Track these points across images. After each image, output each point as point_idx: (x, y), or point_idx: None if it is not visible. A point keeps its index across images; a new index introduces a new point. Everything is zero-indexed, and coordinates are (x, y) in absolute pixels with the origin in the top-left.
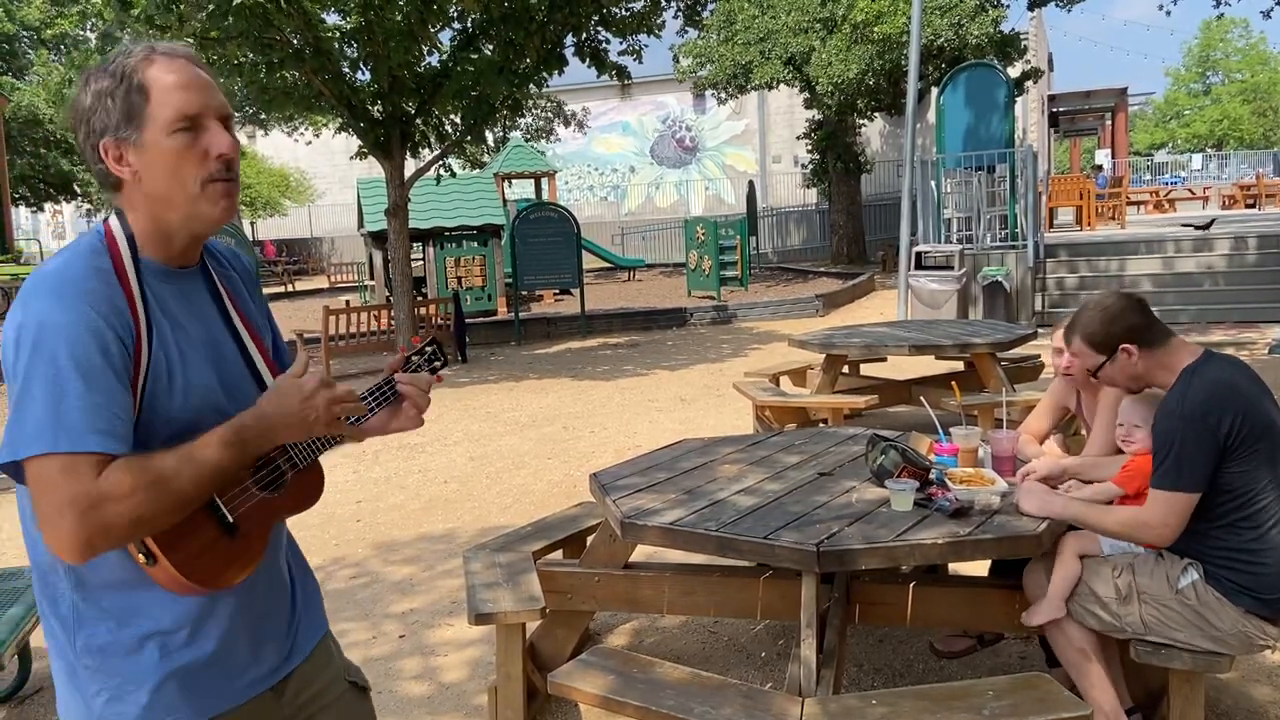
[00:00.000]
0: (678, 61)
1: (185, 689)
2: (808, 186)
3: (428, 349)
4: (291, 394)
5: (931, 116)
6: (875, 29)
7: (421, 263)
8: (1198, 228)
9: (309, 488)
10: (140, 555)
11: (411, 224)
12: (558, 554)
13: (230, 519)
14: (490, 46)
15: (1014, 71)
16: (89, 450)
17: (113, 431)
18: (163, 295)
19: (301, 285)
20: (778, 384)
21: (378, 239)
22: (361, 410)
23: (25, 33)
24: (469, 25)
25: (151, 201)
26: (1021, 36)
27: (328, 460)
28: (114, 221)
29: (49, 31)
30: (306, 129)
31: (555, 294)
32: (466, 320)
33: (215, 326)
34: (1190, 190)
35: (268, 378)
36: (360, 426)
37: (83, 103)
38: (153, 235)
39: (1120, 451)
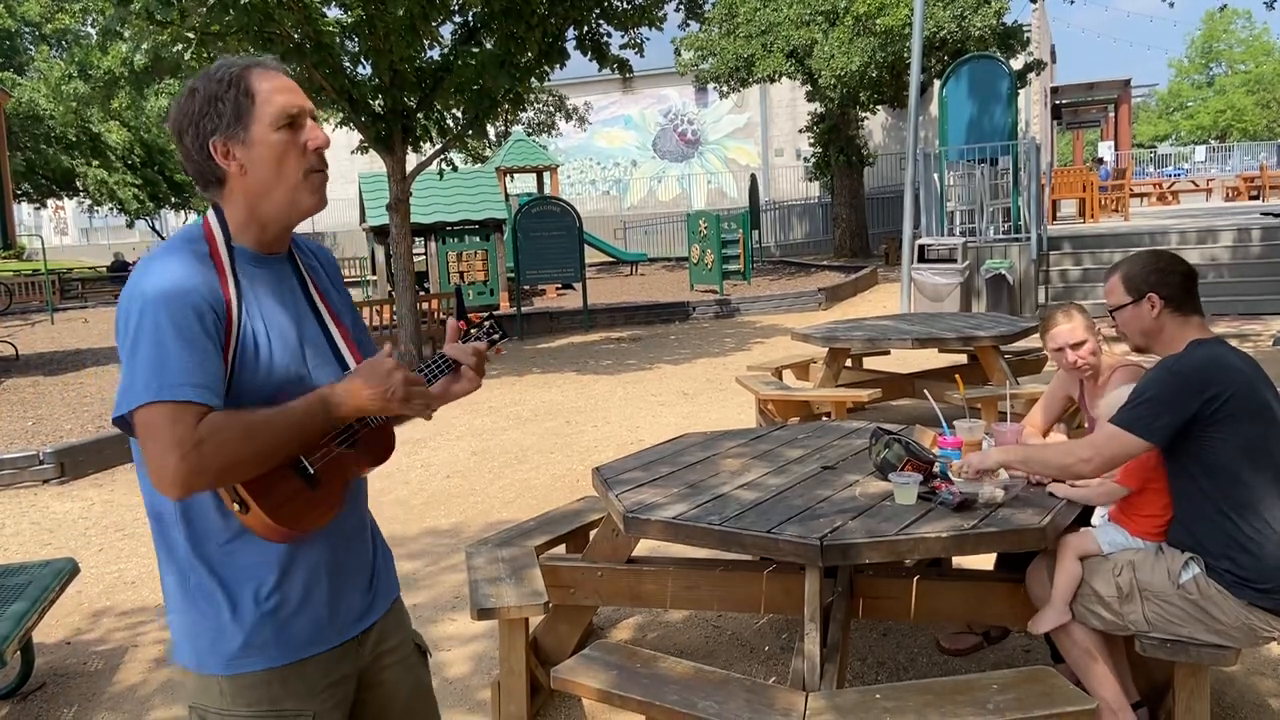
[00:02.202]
0: (679, 55)
1: (277, 633)
2: (810, 180)
3: (486, 323)
4: (376, 373)
5: (934, 109)
6: (877, 21)
7: (424, 257)
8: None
9: (381, 444)
10: (235, 505)
11: (413, 218)
12: (561, 549)
13: (311, 471)
14: (491, 40)
15: (1016, 64)
16: (189, 400)
17: (208, 386)
18: (253, 278)
19: None
20: (780, 378)
21: (379, 233)
22: (430, 396)
23: (26, 28)
24: (470, 19)
25: (252, 193)
26: (1024, 28)
27: None
28: (211, 215)
29: (50, 27)
30: None
31: (557, 288)
32: (469, 315)
33: (301, 309)
34: (1194, 182)
35: (346, 355)
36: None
37: (190, 108)
38: (248, 224)
39: None
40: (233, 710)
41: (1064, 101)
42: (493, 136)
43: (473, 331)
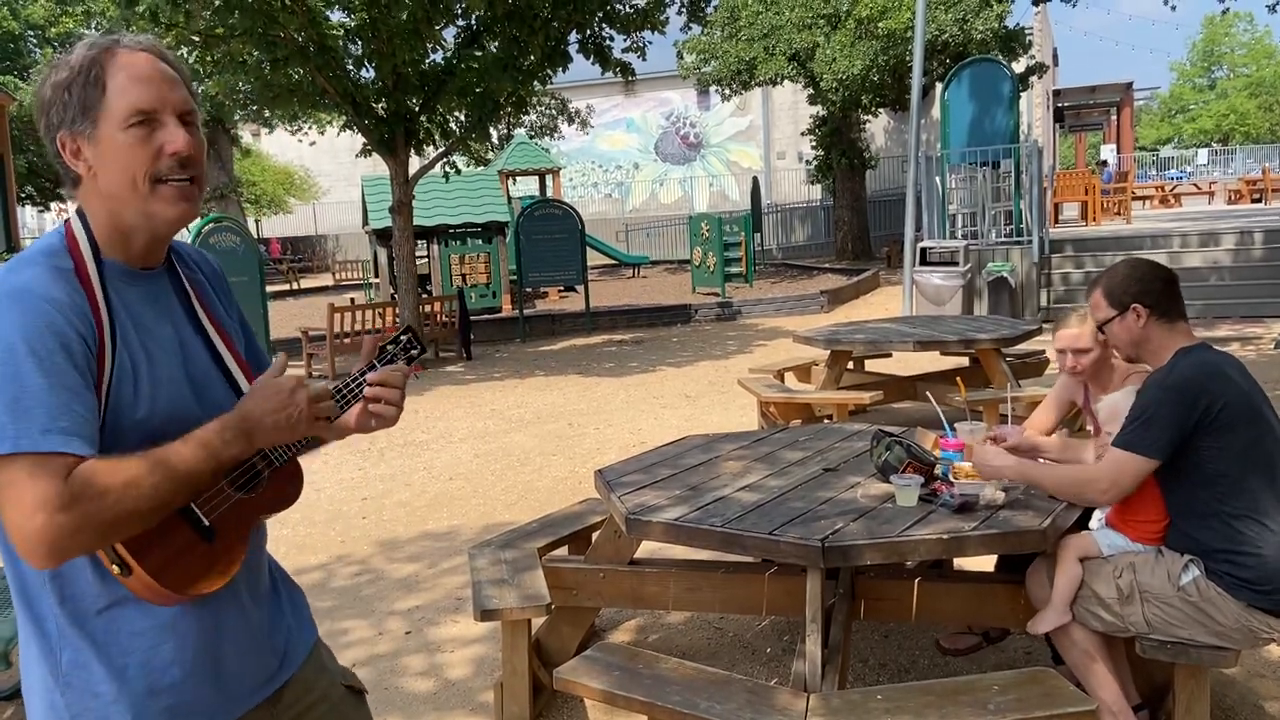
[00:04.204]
0: (682, 58)
1: (171, 710)
2: (812, 183)
3: (403, 337)
4: (273, 395)
5: (936, 112)
6: (879, 24)
7: (426, 260)
8: None
9: (286, 487)
10: (114, 567)
11: (416, 221)
12: (563, 550)
13: (206, 522)
14: (494, 44)
15: (1019, 66)
16: (55, 450)
17: (78, 432)
18: (128, 297)
19: (307, 283)
20: (782, 380)
21: (382, 236)
22: (336, 412)
23: (30, 32)
24: (473, 22)
25: (106, 199)
26: (1026, 31)
27: (334, 457)
28: (75, 221)
29: (53, 30)
30: (311, 127)
31: (560, 291)
32: (471, 317)
33: (184, 328)
34: (1196, 185)
35: (240, 378)
36: (337, 424)
37: (44, 95)
38: (112, 234)
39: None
40: None
41: (1066, 104)
42: (495, 139)
43: (389, 349)
